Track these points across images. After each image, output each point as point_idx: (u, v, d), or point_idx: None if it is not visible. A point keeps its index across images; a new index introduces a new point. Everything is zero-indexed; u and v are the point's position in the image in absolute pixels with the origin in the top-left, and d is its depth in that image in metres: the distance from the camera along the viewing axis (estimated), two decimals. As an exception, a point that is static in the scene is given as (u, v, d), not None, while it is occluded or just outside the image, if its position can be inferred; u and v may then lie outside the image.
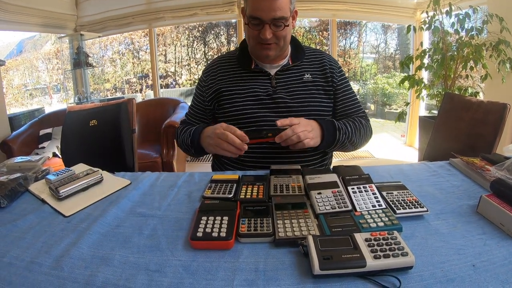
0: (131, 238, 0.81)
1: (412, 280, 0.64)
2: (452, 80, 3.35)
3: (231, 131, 1.11)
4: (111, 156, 1.92)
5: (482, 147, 1.87)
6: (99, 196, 1.04)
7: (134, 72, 7.14)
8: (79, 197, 1.03)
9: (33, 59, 6.48)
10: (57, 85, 6.52)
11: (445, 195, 0.98)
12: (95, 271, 0.69)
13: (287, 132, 1.10)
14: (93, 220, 0.89)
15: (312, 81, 1.38)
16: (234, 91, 1.37)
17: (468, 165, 1.12)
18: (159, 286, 0.65)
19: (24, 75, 6.44)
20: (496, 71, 3.12)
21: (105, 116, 1.99)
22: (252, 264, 0.71)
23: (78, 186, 1.05)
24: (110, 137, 1.93)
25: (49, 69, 6.57)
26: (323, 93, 1.38)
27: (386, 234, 0.71)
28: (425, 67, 3.43)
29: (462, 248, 0.72)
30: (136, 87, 7.14)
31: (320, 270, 0.63)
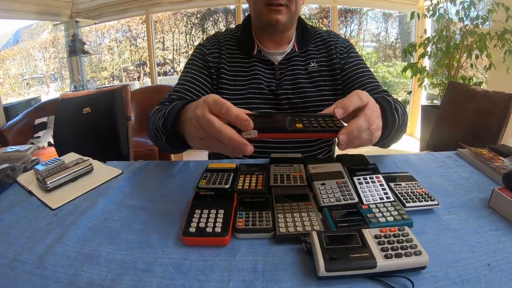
0: (119, 233, 0.76)
1: (425, 282, 0.59)
2: (455, 69, 3.29)
3: (226, 116, 0.67)
4: (105, 144, 1.88)
5: (486, 137, 1.86)
6: (88, 187, 0.98)
7: (132, 60, 7.07)
8: (67, 188, 0.97)
9: (29, 48, 6.43)
10: (54, 74, 6.47)
11: (454, 187, 0.92)
12: (79, 270, 0.64)
13: (360, 123, 0.69)
14: (81, 213, 0.83)
15: (318, 70, 1.25)
16: (236, 81, 1.24)
17: (476, 156, 1.07)
18: None
19: (21, 64, 6.39)
20: (500, 61, 3.08)
21: (99, 103, 1.95)
22: (250, 263, 0.65)
23: (66, 176, 0.99)
24: (104, 125, 1.89)
25: (45, 58, 6.52)
26: (330, 83, 1.26)
27: (397, 230, 0.65)
28: (429, 55, 3.36)
29: (475, 246, 0.68)
30: (133, 75, 7.08)
31: (326, 272, 0.57)
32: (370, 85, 1.21)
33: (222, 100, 0.68)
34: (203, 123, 0.69)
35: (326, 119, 0.71)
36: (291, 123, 0.69)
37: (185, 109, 0.86)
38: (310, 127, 0.69)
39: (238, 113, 0.65)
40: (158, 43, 6.59)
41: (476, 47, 3.10)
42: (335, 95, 1.26)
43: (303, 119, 0.71)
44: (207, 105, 0.69)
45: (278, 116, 0.74)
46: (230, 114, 0.66)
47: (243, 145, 0.66)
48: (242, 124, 0.65)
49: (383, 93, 1.18)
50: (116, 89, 1.95)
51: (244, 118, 0.65)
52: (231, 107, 0.66)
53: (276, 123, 0.70)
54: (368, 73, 1.25)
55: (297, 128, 0.68)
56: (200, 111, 0.69)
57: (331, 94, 1.26)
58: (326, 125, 0.70)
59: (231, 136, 0.65)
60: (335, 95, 1.26)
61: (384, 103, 0.89)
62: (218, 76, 1.24)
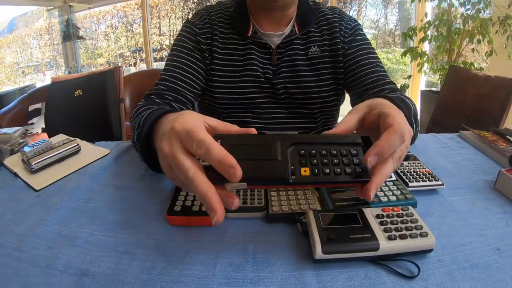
0: (102, 214, 0.71)
1: (431, 266, 0.54)
2: (456, 54, 3.24)
3: (204, 158, 0.48)
4: (97, 127, 1.84)
5: (488, 122, 1.83)
6: (74, 167, 0.93)
7: (128, 46, 7.00)
8: (53, 169, 0.93)
9: (24, 36, 6.36)
10: (49, 62, 6.43)
11: (458, 168, 0.88)
12: (58, 252, 0.59)
13: (389, 169, 0.52)
14: (65, 193, 0.79)
15: (319, 56, 1.09)
16: (230, 67, 1.08)
17: (480, 138, 1.03)
18: (126, 271, 0.55)
19: (16, 53, 6.33)
20: (501, 47, 3.03)
21: (91, 85, 1.90)
22: (239, 245, 0.60)
23: (52, 157, 0.94)
24: (95, 107, 1.85)
25: (41, 45, 6.46)
26: (332, 71, 1.11)
27: (400, 210, 0.60)
28: (430, 39, 3.30)
29: (483, 229, 0.63)
30: (130, 61, 7.01)
31: (323, 254, 0.52)
32: (375, 76, 1.06)
33: (199, 133, 0.48)
34: (172, 164, 0.50)
35: (344, 154, 0.52)
36: (295, 166, 0.50)
37: (159, 122, 0.66)
38: (320, 175, 0.50)
39: (222, 157, 0.45)
40: (154, 29, 6.50)
41: (477, 32, 3.04)
42: (338, 84, 1.13)
43: (312, 159, 0.51)
44: (177, 138, 0.50)
45: (275, 149, 0.51)
46: (211, 157, 0.46)
47: (218, 209, 0.46)
48: (226, 173, 0.45)
49: (390, 85, 1.04)
50: (107, 70, 1.90)
51: (229, 164, 0.45)
52: (212, 146, 0.46)
53: (273, 170, 0.49)
54: (373, 60, 1.09)
55: (302, 178, 0.50)
56: (168, 146, 0.50)
57: (333, 83, 1.12)
58: (344, 168, 0.51)
59: (204, 194, 0.46)
60: (338, 84, 1.13)
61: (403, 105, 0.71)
62: (210, 61, 1.09)
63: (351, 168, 0.50)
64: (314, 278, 0.52)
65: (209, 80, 1.09)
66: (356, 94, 1.08)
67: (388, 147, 0.50)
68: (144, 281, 0.53)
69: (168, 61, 1.08)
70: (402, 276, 0.52)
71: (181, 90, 1.03)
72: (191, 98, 1.06)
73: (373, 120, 0.57)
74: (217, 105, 1.11)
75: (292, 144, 0.52)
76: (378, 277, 0.52)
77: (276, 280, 0.52)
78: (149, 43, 5.06)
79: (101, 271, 0.55)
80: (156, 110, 0.76)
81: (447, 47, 3.28)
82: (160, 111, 0.69)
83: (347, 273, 0.53)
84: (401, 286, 0.50)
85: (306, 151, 0.51)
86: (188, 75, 1.05)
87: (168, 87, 1.02)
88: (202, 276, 0.53)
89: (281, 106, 1.12)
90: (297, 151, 0.51)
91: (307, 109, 1.12)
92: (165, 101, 0.99)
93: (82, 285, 0.52)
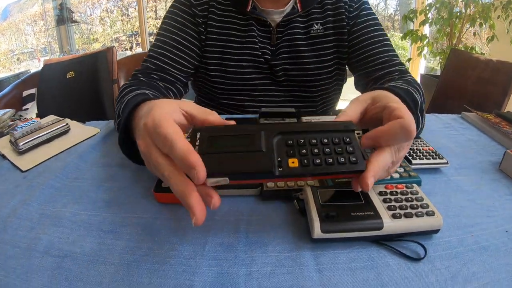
0: (88, 192, 0.67)
1: (438, 248, 0.50)
2: (457, 38, 3.19)
3: (169, 155, 0.44)
4: (89, 109, 1.81)
5: (488, 107, 1.80)
6: (63, 147, 0.90)
7: (124, 30, 6.93)
8: (41, 150, 0.89)
9: (19, 22, 6.28)
10: (45, 48, 6.36)
11: (462, 149, 0.85)
12: (40, 232, 0.56)
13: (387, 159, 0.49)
14: (51, 173, 0.75)
15: (322, 35, 1.02)
16: (228, 47, 1.02)
17: (483, 119, 1.00)
18: (110, 252, 0.51)
19: (11, 40, 6.26)
20: (503, 32, 2.99)
21: (83, 67, 1.87)
22: (231, 223, 0.56)
23: (40, 137, 0.91)
24: (88, 89, 1.82)
25: (35, 31, 6.39)
26: (335, 50, 1.05)
27: (405, 188, 0.56)
28: (431, 22, 3.25)
29: (490, 210, 0.60)
30: (126, 45, 6.94)
31: (321, 233, 0.48)
32: (383, 56, 0.99)
33: (165, 128, 0.43)
34: (149, 162, 0.48)
35: (336, 142, 0.47)
36: (282, 157, 0.45)
37: (137, 110, 0.60)
38: (310, 166, 0.45)
39: (183, 154, 0.41)
40: (150, 12, 6.41)
41: (479, 17, 2.99)
42: (341, 64, 1.08)
43: (301, 149, 0.46)
44: (149, 135, 0.46)
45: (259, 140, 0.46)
46: (174, 155, 0.42)
47: (197, 210, 0.42)
48: (188, 174, 0.41)
49: (399, 66, 0.98)
50: (100, 51, 1.85)
51: (191, 162, 0.40)
52: (175, 142, 0.42)
53: (257, 162, 0.44)
54: (381, 38, 1.01)
55: (290, 170, 0.45)
56: (144, 145, 0.47)
57: (336, 63, 1.07)
58: (336, 158, 0.46)
59: (181, 194, 0.43)
60: (341, 64, 1.08)
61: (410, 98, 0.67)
62: (206, 37, 1.01)
63: (344, 157, 0.46)
64: (312, 259, 0.48)
65: (203, 57, 1.03)
66: (362, 75, 1.03)
67: (391, 135, 0.48)
68: (128, 263, 0.49)
69: (158, 35, 1.01)
70: (407, 257, 0.48)
71: (169, 69, 0.97)
72: (181, 78, 1.00)
73: (376, 112, 0.53)
74: (212, 86, 1.06)
75: (278, 134, 0.47)
76: (382, 258, 0.48)
77: (270, 262, 0.48)
78: (145, 27, 5.00)
79: (84, 252, 0.51)
80: (134, 97, 0.69)
81: (447, 31, 3.23)
82: (136, 101, 0.61)
83: (348, 254, 0.49)
84: (406, 269, 0.46)
85: (294, 141, 0.47)
86: (178, 52, 0.98)
87: (156, 65, 0.96)
88: (190, 256, 0.49)
89: (280, 89, 1.07)
90: (284, 141, 0.47)
91: (307, 92, 1.07)
92: (151, 81, 0.93)
93: (63, 267, 0.48)
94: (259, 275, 0.46)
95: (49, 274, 0.47)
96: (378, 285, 0.44)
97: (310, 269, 0.47)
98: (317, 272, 0.46)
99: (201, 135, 0.46)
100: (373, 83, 0.98)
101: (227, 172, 0.43)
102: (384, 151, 0.48)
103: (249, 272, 0.47)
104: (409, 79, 0.88)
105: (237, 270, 0.47)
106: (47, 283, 0.46)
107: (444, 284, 0.44)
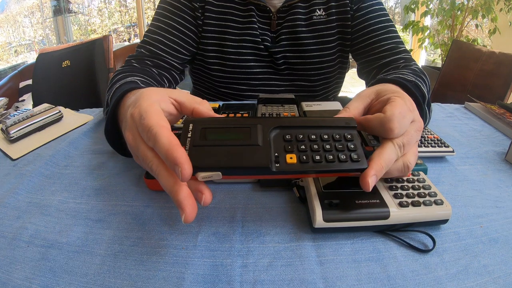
0: (78, 180, 0.65)
1: (447, 239, 0.48)
2: (459, 30, 3.17)
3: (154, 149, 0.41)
4: (85, 98, 1.78)
5: (490, 99, 1.79)
6: (55, 134, 0.88)
7: (122, 21, 6.92)
8: (33, 138, 0.87)
9: (16, 14, 6.26)
10: (42, 40, 6.35)
11: (466, 138, 0.83)
12: (26, 222, 0.54)
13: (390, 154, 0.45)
14: (41, 161, 0.73)
15: (325, 21, 0.98)
16: (226, 33, 0.98)
17: (487, 110, 0.99)
18: (97, 241, 0.49)
19: (9, 32, 6.24)
20: (505, 25, 3.00)
21: (79, 56, 1.85)
22: (226, 212, 0.53)
23: (32, 125, 0.89)
24: (84, 78, 1.79)
25: (33, 23, 6.37)
26: (337, 37, 1.01)
27: (411, 175, 0.53)
28: (432, 13, 3.23)
29: (498, 200, 0.58)
30: (124, 36, 6.93)
31: (324, 222, 0.44)
32: (388, 43, 0.95)
33: (149, 120, 0.41)
34: (136, 155, 0.45)
35: (337, 139, 0.45)
36: (279, 153, 0.43)
37: (124, 99, 0.57)
38: (309, 162, 0.42)
39: (167, 148, 0.38)
40: (148, 3, 6.38)
41: (481, 9, 2.97)
42: (344, 51, 1.04)
43: (299, 144, 0.44)
44: (135, 127, 0.43)
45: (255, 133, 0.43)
46: (158, 149, 0.39)
47: (186, 206, 0.39)
48: (172, 168, 0.38)
49: (404, 53, 0.95)
50: (96, 39, 1.83)
51: (174, 157, 0.37)
52: (159, 135, 0.39)
53: (252, 157, 0.41)
54: (386, 24, 0.97)
55: (288, 166, 0.42)
56: (131, 137, 0.44)
57: (339, 50, 1.03)
58: (337, 155, 0.43)
59: (169, 189, 0.40)
60: (344, 51, 1.05)
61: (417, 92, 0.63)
62: (203, 22, 0.97)
63: (346, 154, 0.43)
64: (313, 250, 0.46)
65: (200, 44, 0.99)
66: (366, 63, 1.00)
67: (369, 127, 0.47)
68: (115, 253, 0.46)
69: (153, 20, 0.97)
70: (415, 249, 0.45)
71: (163, 56, 0.94)
72: (176, 65, 0.96)
73: (379, 108, 0.50)
74: (209, 74, 1.03)
75: (276, 128, 0.45)
76: (388, 250, 0.45)
77: (268, 253, 0.45)
78: (143, 17, 4.96)
79: (70, 242, 0.49)
80: (123, 85, 0.65)
81: (449, 22, 3.21)
82: (123, 89, 0.59)
83: (352, 245, 0.46)
84: (414, 261, 0.44)
85: (292, 136, 0.44)
86: (173, 38, 0.95)
87: (150, 51, 0.93)
88: (181, 247, 0.47)
89: (280, 78, 1.04)
90: (282, 136, 0.44)
91: (308, 80, 1.04)
92: (145, 67, 0.90)
93: (48, 258, 0.46)
94: (255, 267, 0.43)
95: (33, 266, 0.45)
96: (385, 278, 0.41)
97: (311, 261, 0.44)
98: (319, 265, 0.44)
99: (194, 127, 0.43)
100: (377, 71, 0.95)
101: (220, 166, 0.40)
102: (386, 147, 0.45)
103: (245, 264, 0.44)
104: (415, 67, 0.85)
105: (232, 262, 0.44)
106: (30, 275, 0.43)
107: (454, 277, 0.42)
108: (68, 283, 0.42)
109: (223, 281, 0.42)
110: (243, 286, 0.41)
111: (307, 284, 0.41)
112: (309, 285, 0.41)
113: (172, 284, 0.41)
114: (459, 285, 0.41)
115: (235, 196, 0.57)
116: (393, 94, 0.49)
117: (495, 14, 2.95)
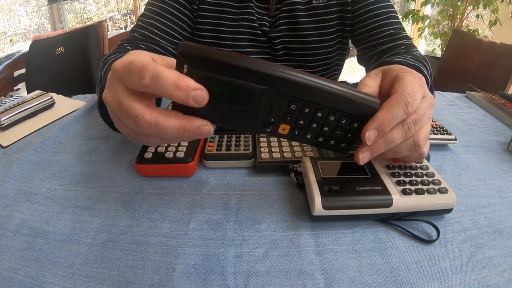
0: (67, 166, 0.63)
1: (451, 229, 0.46)
2: (459, 20, 3.15)
3: (154, 89, 0.35)
4: (79, 84, 1.76)
5: (490, 89, 1.78)
6: (47, 121, 0.87)
7: (118, 9, 6.87)
8: (24, 125, 0.86)
9: (11, 3, 6.21)
10: (38, 28, 6.30)
11: (468, 127, 0.82)
12: (14, 210, 0.52)
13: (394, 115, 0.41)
14: (31, 147, 0.71)
15: (324, 5, 0.95)
16: (222, 13, 0.94)
17: (489, 99, 0.98)
18: (84, 230, 0.47)
19: (4, 21, 6.19)
20: (506, 17, 2.99)
21: (73, 42, 1.83)
22: (220, 199, 0.51)
23: (23, 111, 0.88)
24: (78, 64, 1.78)
25: (28, 12, 6.32)
26: (337, 22, 0.97)
27: (413, 162, 0.51)
28: (433, 3, 3.21)
29: (502, 190, 0.56)
30: (120, 24, 6.89)
31: (323, 210, 0.42)
32: (388, 28, 0.92)
33: (141, 62, 0.35)
34: (119, 114, 0.39)
35: (341, 125, 0.42)
36: (275, 119, 0.40)
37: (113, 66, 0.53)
38: (299, 137, 0.42)
39: (175, 77, 0.34)
40: (145, -12, 6.38)
41: (481, 0, 2.95)
42: (344, 37, 1.02)
43: (299, 119, 0.41)
44: (118, 79, 0.38)
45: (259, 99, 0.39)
46: (161, 83, 0.34)
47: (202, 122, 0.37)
48: (186, 97, 0.35)
49: (405, 39, 0.91)
50: (91, 25, 1.81)
51: (188, 84, 0.34)
52: (159, 69, 0.34)
53: (248, 119, 0.40)
54: (387, 10, 0.94)
55: (278, 135, 0.42)
56: (110, 93, 0.39)
57: (338, 36, 1.00)
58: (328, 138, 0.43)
59: (179, 126, 0.37)
60: (344, 37, 1.02)
61: None
62: (198, 7, 0.94)
63: (336, 141, 0.43)
64: (312, 239, 0.44)
65: (195, 29, 0.96)
66: (366, 49, 0.97)
67: (390, 120, 0.40)
68: (103, 242, 0.44)
69: (147, 4, 0.94)
70: (418, 239, 0.43)
71: (157, 40, 0.90)
72: (171, 49, 0.93)
73: (388, 87, 0.46)
74: None
75: (286, 96, 0.39)
76: (390, 240, 0.43)
77: (264, 242, 0.43)
78: (139, 5, 4.92)
79: (57, 231, 0.47)
80: (117, 59, 0.57)
81: (450, 12, 3.19)
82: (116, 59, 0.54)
83: (352, 234, 0.44)
84: (417, 252, 0.42)
85: (298, 106, 0.40)
86: (167, 22, 0.91)
87: (144, 35, 0.89)
88: (171, 235, 0.45)
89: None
90: (288, 101, 0.40)
91: (307, 67, 1.01)
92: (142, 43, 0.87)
93: (34, 248, 0.44)
94: (250, 257, 0.41)
95: (19, 255, 0.43)
96: (387, 270, 0.39)
97: (309, 251, 0.42)
98: (317, 255, 0.42)
99: (189, 70, 0.36)
100: (377, 57, 0.93)
101: (212, 121, 0.38)
102: (393, 103, 0.41)
103: (239, 253, 0.42)
104: (416, 53, 0.82)
105: (225, 251, 0.42)
106: (15, 265, 0.42)
107: (459, 270, 0.40)
108: (54, 274, 0.40)
109: (215, 272, 0.40)
110: (236, 277, 0.39)
111: (305, 275, 0.39)
112: (307, 276, 0.39)
113: (161, 274, 0.39)
114: (464, 278, 0.39)
115: (229, 181, 0.55)
116: (400, 71, 0.46)
117: (497, 5, 2.93)
